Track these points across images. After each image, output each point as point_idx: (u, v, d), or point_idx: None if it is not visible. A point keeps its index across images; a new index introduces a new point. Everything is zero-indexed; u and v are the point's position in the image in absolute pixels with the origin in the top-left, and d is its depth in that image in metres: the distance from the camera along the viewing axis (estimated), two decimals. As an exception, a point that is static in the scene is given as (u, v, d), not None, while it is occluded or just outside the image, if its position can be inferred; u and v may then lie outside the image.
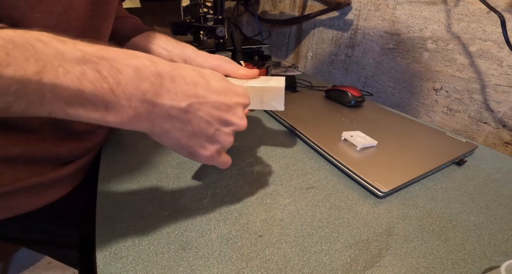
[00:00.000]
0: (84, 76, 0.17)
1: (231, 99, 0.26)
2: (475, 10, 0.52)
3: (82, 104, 0.18)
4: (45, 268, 1.09)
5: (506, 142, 0.53)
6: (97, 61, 0.18)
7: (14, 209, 0.34)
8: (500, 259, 0.27)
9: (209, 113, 0.24)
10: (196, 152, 0.25)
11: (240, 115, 0.27)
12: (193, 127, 0.24)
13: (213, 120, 0.24)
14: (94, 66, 0.18)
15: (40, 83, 0.16)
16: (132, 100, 0.19)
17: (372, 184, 0.34)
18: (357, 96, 0.58)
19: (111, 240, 0.28)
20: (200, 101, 0.23)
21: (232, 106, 0.26)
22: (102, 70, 0.18)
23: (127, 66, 0.19)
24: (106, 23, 0.35)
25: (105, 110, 0.19)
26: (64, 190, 0.38)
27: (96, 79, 0.18)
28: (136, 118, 0.20)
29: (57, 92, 0.17)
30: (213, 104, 0.24)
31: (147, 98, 0.20)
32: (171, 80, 0.22)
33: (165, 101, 0.21)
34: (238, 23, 1.39)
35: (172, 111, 0.22)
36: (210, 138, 0.25)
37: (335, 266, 0.26)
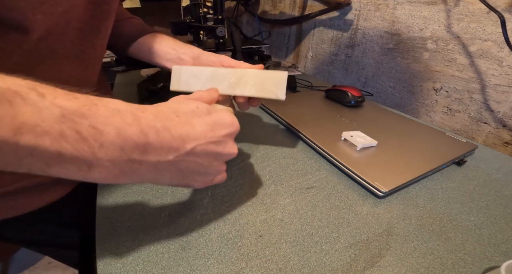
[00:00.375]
0: (63, 138, 0.16)
1: (218, 134, 0.25)
2: (475, 10, 0.52)
3: (62, 166, 0.17)
4: (45, 268, 1.09)
5: (506, 142, 0.53)
6: (77, 120, 0.17)
7: (14, 210, 0.34)
8: (500, 259, 0.27)
9: (197, 156, 0.24)
10: (191, 185, 0.26)
11: (229, 146, 0.27)
12: (183, 171, 0.24)
13: (202, 160, 0.24)
14: (73, 126, 0.17)
15: (17, 145, 0.15)
16: (117, 161, 0.19)
17: (372, 184, 0.34)
18: (357, 96, 0.58)
19: (111, 240, 0.28)
20: (187, 151, 0.23)
21: (220, 141, 0.25)
22: (82, 131, 0.17)
23: (108, 125, 0.18)
24: (106, 23, 0.35)
25: (88, 171, 0.18)
26: (64, 190, 0.38)
27: (76, 141, 0.17)
28: (123, 176, 0.20)
29: (35, 154, 0.16)
30: (201, 147, 0.24)
31: (133, 158, 0.19)
32: (156, 136, 0.21)
33: (151, 159, 0.21)
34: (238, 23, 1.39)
35: (160, 165, 0.22)
36: (202, 173, 0.26)
37: (335, 266, 0.26)
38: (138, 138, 0.19)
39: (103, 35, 0.36)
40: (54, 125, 0.16)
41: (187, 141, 0.23)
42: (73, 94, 0.18)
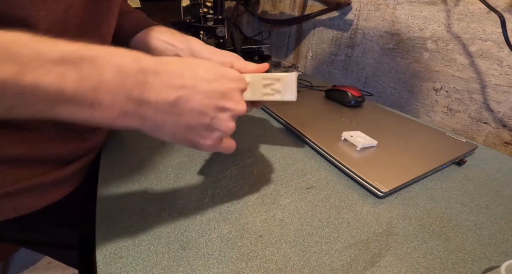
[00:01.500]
0: (64, 77, 0.17)
1: (224, 85, 0.25)
2: (475, 10, 0.52)
3: (65, 104, 0.18)
4: (45, 268, 1.09)
5: (506, 142, 0.53)
6: (77, 61, 0.18)
7: (15, 210, 0.34)
8: (500, 259, 0.27)
9: (201, 103, 0.23)
10: (197, 143, 0.25)
11: (236, 99, 0.25)
12: (186, 119, 0.23)
13: (206, 109, 0.23)
14: (73, 67, 0.17)
15: (19, 86, 0.16)
16: (117, 98, 0.19)
17: (372, 184, 0.34)
18: (357, 96, 0.58)
19: (111, 240, 0.28)
20: (188, 93, 0.22)
21: (226, 92, 0.25)
22: (82, 70, 0.18)
23: (108, 65, 0.19)
24: (107, 20, 0.35)
25: (91, 109, 0.19)
26: (65, 190, 0.38)
27: (76, 80, 0.17)
28: (125, 116, 0.20)
29: (37, 94, 0.16)
30: (204, 94, 0.23)
31: (132, 96, 0.20)
32: (155, 75, 0.21)
33: (151, 97, 0.21)
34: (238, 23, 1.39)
35: (160, 107, 0.21)
36: (208, 126, 0.24)
37: (335, 266, 0.26)
38: (137, 75, 0.20)
39: (105, 32, 0.35)
40: (54, 67, 0.17)
41: (188, 84, 0.22)
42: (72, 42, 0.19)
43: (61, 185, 0.37)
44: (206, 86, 0.23)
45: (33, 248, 0.46)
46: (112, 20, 0.36)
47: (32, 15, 0.25)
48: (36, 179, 0.33)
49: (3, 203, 0.32)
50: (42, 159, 0.33)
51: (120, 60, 0.20)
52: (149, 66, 0.21)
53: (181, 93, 0.22)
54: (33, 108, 0.17)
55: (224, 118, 0.25)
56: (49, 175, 0.35)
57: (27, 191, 0.33)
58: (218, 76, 0.25)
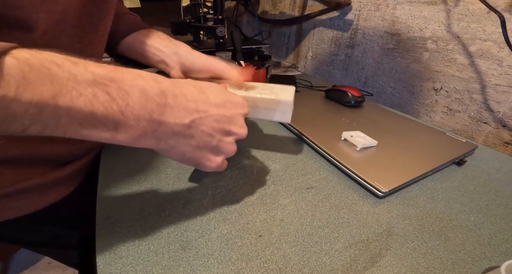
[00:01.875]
0: (95, 98, 0.18)
1: (230, 110, 0.27)
2: (475, 10, 0.52)
3: (94, 125, 0.19)
4: (45, 268, 1.09)
5: (506, 142, 0.53)
6: (107, 83, 0.19)
7: (15, 211, 0.34)
8: (500, 259, 0.27)
9: (211, 127, 0.25)
10: (202, 164, 0.27)
11: (240, 124, 0.28)
12: (197, 141, 0.25)
13: (215, 132, 0.26)
14: (104, 88, 0.19)
15: (56, 106, 0.17)
16: (140, 120, 0.21)
17: (372, 184, 0.34)
18: (357, 96, 0.58)
19: (111, 240, 0.28)
20: (201, 116, 0.24)
21: (232, 117, 0.27)
22: (111, 92, 0.19)
23: (133, 87, 0.20)
24: (104, 21, 0.35)
25: (115, 131, 0.20)
26: (65, 190, 0.38)
27: (106, 101, 0.19)
28: (143, 137, 0.22)
29: (71, 115, 0.17)
30: (214, 118, 0.25)
31: (153, 117, 0.21)
32: (174, 98, 0.23)
33: (169, 119, 0.22)
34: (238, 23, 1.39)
35: (176, 128, 0.23)
36: (214, 149, 0.26)
37: (335, 266, 0.26)
38: (158, 98, 0.22)
39: (102, 32, 0.35)
40: (87, 88, 0.18)
41: (201, 108, 0.25)
42: (101, 63, 0.20)
43: (61, 185, 0.37)
44: (216, 111, 0.26)
45: (33, 248, 0.46)
46: (109, 21, 0.36)
47: (32, 17, 0.25)
48: (36, 179, 0.33)
49: (3, 203, 0.32)
50: (41, 159, 0.33)
51: (144, 82, 0.21)
52: (168, 90, 0.23)
53: (195, 116, 0.24)
54: (64, 129, 0.18)
55: (228, 142, 0.27)
56: (49, 175, 0.35)
57: (27, 191, 0.33)
58: (226, 101, 0.27)
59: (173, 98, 0.23)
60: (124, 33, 0.44)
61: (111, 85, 0.19)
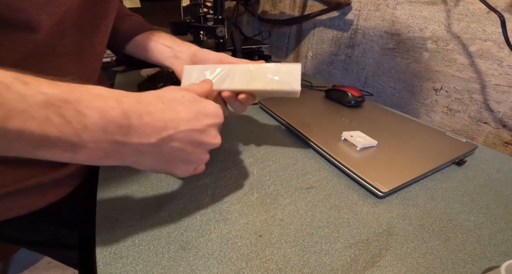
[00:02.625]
0: (48, 122, 0.17)
1: (202, 123, 0.26)
2: (475, 10, 0.52)
3: (48, 148, 0.18)
4: (45, 268, 1.09)
5: (506, 142, 0.53)
6: (61, 105, 0.18)
7: (15, 210, 0.34)
8: (500, 259, 0.27)
9: (181, 142, 0.24)
10: (174, 173, 0.27)
11: (213, 135, 0.27)
12: (166, 156, 0.24)
13: (185, 146, 0.25)
14: (57, 111, 0.17)
15: (5, 130, 0.16)
16: (100, 142, 0.19)
17: (372, 184, 0.34)
18: (357, 96, 0.58)
19: (111, 240, 0.28)
20: (170, 134, 0.23)
21: (204, 129, 0.26)
22: (66, 115, 0.18)
23: (92, 109, 0.19)
24: (105, 21, 0.35)
25: (73, 152, 0.19)
26: (65, 190, 0.38)
27: (60, 124, 0.17)
28: (106, 157, 0.21)
29: (23, 138, 0.17)
30: (184, 133, 0.24)
31: (116, 139, 0.20)
32: (139, 119, 0.21)
33: (134, 140, 0.21)
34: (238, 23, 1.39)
35: (143, 148, 0.22)
36: (185, 160, 0.26)
37: (335, 266, 0.26)
38: (120, 120, 0.20)
39: (103, 33, 0.36)
40: (39, 111, 0.17)
41: (170, 126, 0.23)
42: (56, 82, 0.19)
43: (61, 185, 0.37)
44: (186, 126, 0.24)
45: (33, 248, 0.46)
46: (110, 21, 0.36)
47: (34, 18, 0.25)
48: (36, 179, 0.33)
49: (3, 203, 0.32)
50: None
51: (103, 103, 0.20)
52: (131, 110, 0.21)
53: (163, 135, 0.23)
54: (17, 151, 0.17)
55: (200, 152, 0.27)
56: (48, 175, 0.35)
57: (27, 191, 0.33)
58: (197, 113, 0.26)
59: (138, 118, 0.21)
60: (131, 33, 0.45)
61: (65, 107, 0.18)
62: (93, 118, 0.19)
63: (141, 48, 0.45)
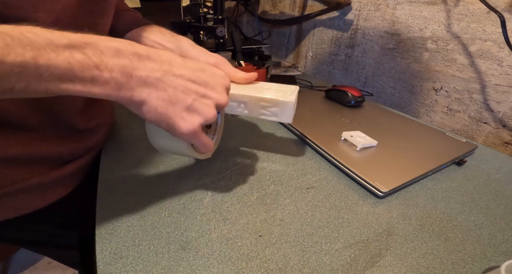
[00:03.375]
0: (72, 57, 0.20)
1: (208, 76, 0.27)
2: (475, 10, 0.52)
3: (72, 80, 0.21)
4: (45, 268, 1.09)
5: (506, 142, 0.53)
6: (83, 45, 0.21)
7: (15, 210, 0.34)
8: (500, 259, 0.27)
9: (184, 85, 0.25)
10: (176, 123, 0.25)
11: (219, 91, 0.27)
12: (169, 95, 0.25)
13: (189, 91, 0.25)
14: (80, 50, 0.21)
15: (37, 65, 0.19)
16: (113, 72, 0.22)
17: (372, 184, 0.34)
18: (357, 96, 0.58)
19: (111, 240, 0.28)
20: (174, 73, 0.25)
21: (209, 82, 0.27)
22: (87, 52, 0.21)
23: (108, 47, 0.22)
24: (103, 19, 0.35)
25: (91, 84, 0.22)
26: (65, 190, 0.38)
27: (82, 59, 0.21)
28: (117, 88, 0.23)
29: (51, 71, 0.19)
30: (188, 78, 0.25)
31: (126, 71, 0.23)
32: (148, 58, 0.24)
33: (141, 73, 0.23)
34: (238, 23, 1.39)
35: (148, 80, 0.24)
36: (189, 107, 0.25)
37: (335, 266, 0.26)
38: (132, 56, 0.23)
39: (101, 32, 0.35)
40: (64, 50, 0.20)
41: (176, 67, 0.25)
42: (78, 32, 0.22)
43: (61, 185, 0.37)
44: (191, 73, 0.26)
45: (32, 248, 0.46)
46: (108, 20, 0.36)
47: (31, 16, 0.25)
48: (36, 179, 0.33)
49: (4, 203, 0.32)
50: (41, 158, 0.33)
51: (118, 44, 0.23)
52: (142, 51, 0.24)
53: (168, 72, 0.25)
54: (45, 85, 0.20)
55: (206, 104, 0.26)
56: (48, 174, 0.35)
57: (27, 191, 0.33)
58: (205, 68, 0.27)
59: (147, 58, 0.24)
60: (124, 29, 0.44)
61: (86, 47, 0.21)
62: (109, 53, 0.22)
63: None
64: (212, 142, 0.30)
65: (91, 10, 0.32)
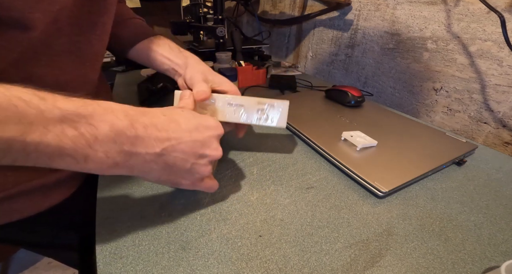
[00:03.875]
0: (63, 135, 0.19)
1: (203, 134, 0.27)
2: (475, 10, 0.52)
3: (63, 158, 0.19)
4: (45, 268, 1.09)
5: (506, 142, 0.53)
6: (75, 119, 0.19)
7: (19, 212, 0.34)
8: (500, 259, 0.27)
9: (183, 152, 0.26)
10: (179, 183, 0.28)
11: (214, 146, 0.28)
12: (170, 166, 0.25)
13: (188, 157, 0.26)
14: (72, 124, 0.19)
15: (24, 143, 0.17)
16: (110, 152, 0.21)
17: (372, 184, 0.34)
18: (357, 96, 0.58)
19: (111, 240, 0.28)
20: (173, 144, 0.25)
21: (205, 141, 0.27)
22: (80, 128, 0.20)
23: (103, 122, 0.21)
24: (103, 18, 0.35)
25: (84, 163, 0.20)
26: (67, 191, 0.38)
27: (74, 137, 0.19)
28: (115, 167, 0.22)
29: (40, 150, 0.18)
30: (186, 144, 0.26)
31: (124, 149, 0.22)
32: (144, 130, 0.23)
33: (140, 150, 0.23)
34: (238, 23, 1.39)
35: (148, 157, 0.24)
36: (189, 171, 0.27)
37: (335, 266, 0.26)
38: (129, 131, 0.22)
39: (100, 31, 0.35)
40: (55, 125, 0.18)
41: (173, 136, 0.25)
42: (70, 97, 0.21)
43: (63, 186, 0.37)
44: (188, 137, 0.26)
45: (33, 249, 0.46)
46: (108, 19, 0.36)
47: (27, 17, 0.25)
48: (38, 181, 0.33)
49: (7, 205, 0.32)
50: None
51: (113, 117, 0.22)
52: (138, 121, 0.23)
53: (166, 145, 0.24)
54: (34, 161, 0.19)
55: (202, 164, 0.27)
56: (50, 176, 0.34)
57: (30, 193, 0.33)
58: (198, 125, 0.27)
59: (143, 129, 0.23)
60: (133, 40, 0.45)
61: (79, 121, 0.20)
62: (104, 130, 0.21)
63: (142, 56, 0.45)
64: (216, 182, 0.31)
65: (90, 10, 0.32)
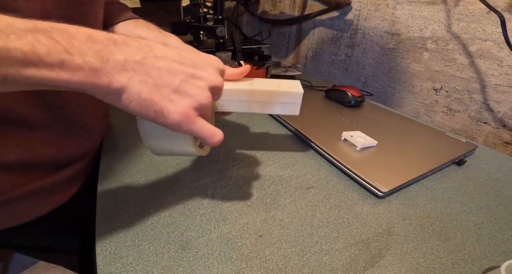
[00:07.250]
0: (37, 42, 0.17)
1: (196, 58, 0.24)
2: (475, 10, 0.52)
3: (36, 65, 0.18)
4: (45, 268, 1.09)
5: (506, 141, 0.53)
6: (49, 29, 0.18)
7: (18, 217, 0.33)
8: (500, 259, 0.27)
9: (170, 65, 0.22)
10: (164, 109, 0.21)
11: (211, 71, 0.24)
12: (153, 77, 0.21)
13: (175, 71, 0.22)
14: (46, 34, 0.18)
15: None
16: (87, 56, 0.19)
17: (372, 184, 0.34)
18: (357, 96, 0.58)
19: (111, 240, 0.28)
20: (156, 55, 0.22)
21: (198, 63, 0.23)
22: (55, 36, 0.18)
23: (79, 33, 0.19)
24: (93, 8, 0.34)
25: (60, 69, 0.18)
26: (66, 195, 0.38)
27: (50, 43, 0.18)
28: (92, 74, 0.19)
29: (11, 54, 0.17)
30: (173, 59, 0.22)
31: (101, 55, 0.20)
32: (124, 44, 0.21)
33: (118, 57, 0.20)
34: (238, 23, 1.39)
35: (127, 64, 0.20)
36: (177, 89, 0.22)
37: (335, 266, 0.26)
38: (107, 41, 0.20)
39: (92, 21, 0.34)
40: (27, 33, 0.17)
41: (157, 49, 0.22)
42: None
43: (61, 189, 0.37)
44: (176, 55, 0.23)
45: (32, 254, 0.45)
46: (98, 8, 0.35)
47: (11, 4, 0.25)
48: (34, 184, 0.33)
49: (5, 210, 0.31)
50: (39, 163, 0.33)
51: (91, 31, 0.20)
52: (119, 38, 0.21)
53: (148, 54, 0.21)
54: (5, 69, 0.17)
55: (197, 85, 0.23)
56: (46, 179, 0.34)
57: (27, 197, 0.33)
58: (190, 51, 0.25)
59: (124, 44, 0.21)
60: (110, 22, 0.42)
61: (54, 31, 0.18)
62: (81, 38, 0.19)
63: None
64: (219, 130, 0.25)
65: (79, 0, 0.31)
